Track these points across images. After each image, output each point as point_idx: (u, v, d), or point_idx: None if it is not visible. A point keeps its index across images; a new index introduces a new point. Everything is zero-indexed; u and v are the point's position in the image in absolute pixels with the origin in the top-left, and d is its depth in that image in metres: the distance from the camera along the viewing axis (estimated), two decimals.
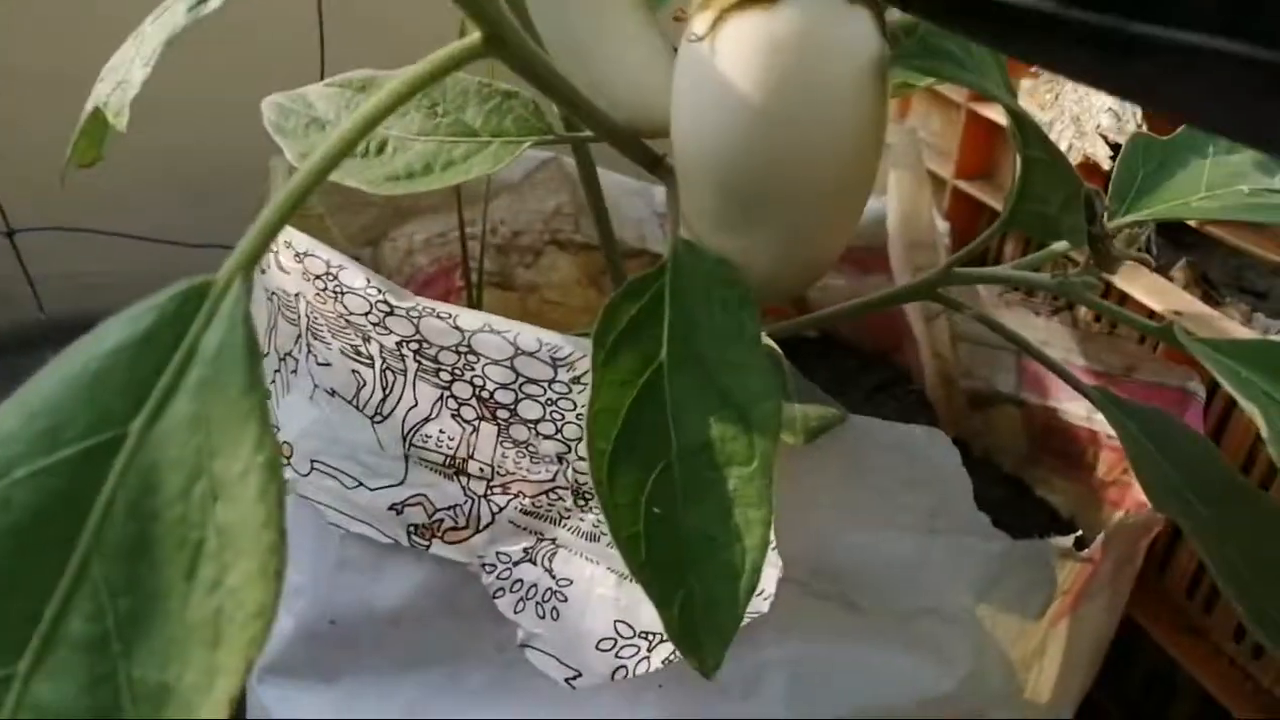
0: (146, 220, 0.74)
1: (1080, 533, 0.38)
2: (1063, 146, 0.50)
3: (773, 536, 0.31)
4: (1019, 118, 0.26)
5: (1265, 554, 0.33)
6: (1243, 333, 0.47)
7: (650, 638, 0.33)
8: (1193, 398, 0.48)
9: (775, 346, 0.35)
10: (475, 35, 0.22)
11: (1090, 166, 0.51)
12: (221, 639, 0.17)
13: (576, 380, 0.31)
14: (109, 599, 0.17)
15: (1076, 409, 0.57)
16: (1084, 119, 0.49)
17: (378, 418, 0.34)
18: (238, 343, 0.18)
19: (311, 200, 0.43)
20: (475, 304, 0.57)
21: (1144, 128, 0.47)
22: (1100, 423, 0.55)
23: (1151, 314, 0.51)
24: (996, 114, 0.58)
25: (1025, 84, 0.55)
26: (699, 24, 0.26)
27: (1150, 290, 0.50)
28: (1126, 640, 0.53)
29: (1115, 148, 0.49)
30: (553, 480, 0.32)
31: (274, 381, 0.38)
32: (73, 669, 0.17)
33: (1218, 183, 0.35)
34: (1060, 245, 0.35)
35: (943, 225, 0.61)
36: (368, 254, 0.51)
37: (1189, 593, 0.53)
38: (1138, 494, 0.51)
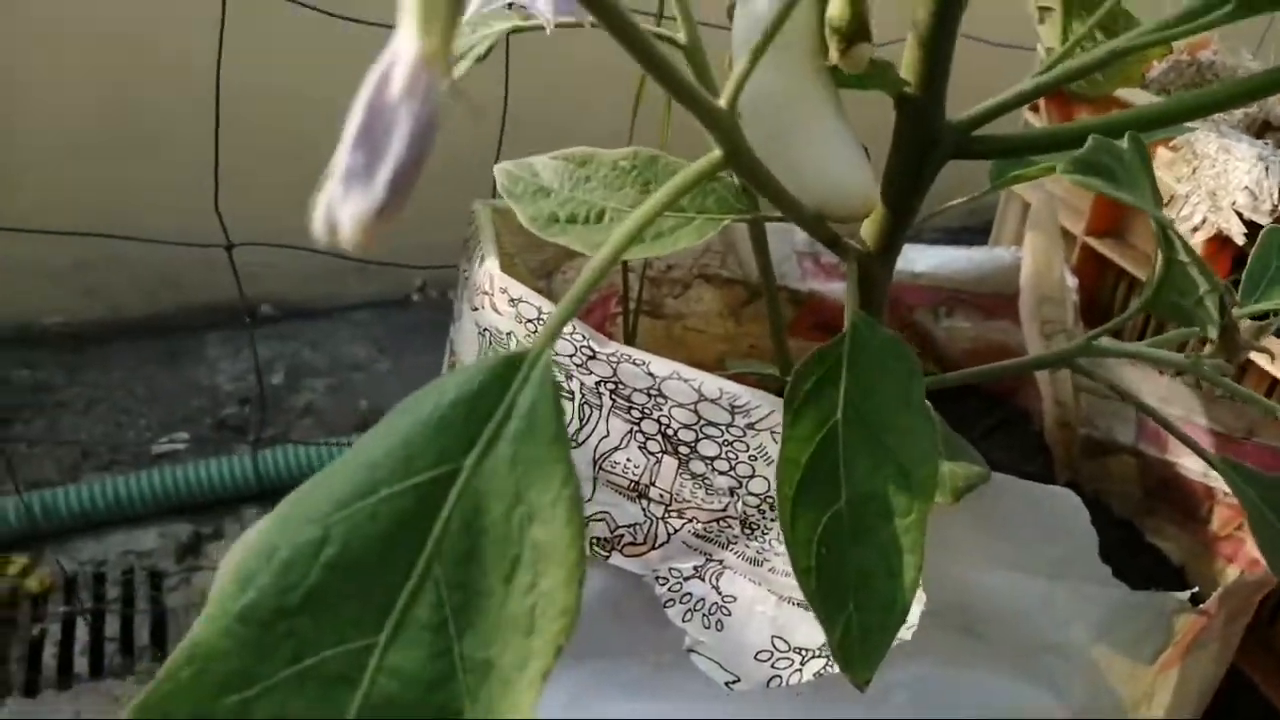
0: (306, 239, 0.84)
1: (1196, 589, 0.41)
2: (1196, 220, 0.53)
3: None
4: (1164, 227, 0.30)
5: None
6: None
7: (804, 653, 0.37)
8: None
9: (931, 408, 0.40)
10: (717, 153, 0.28)
11: (1223, 239, 0.53)
12: (535, 629, 0.22)
13: (751, 426, 0.36)
14: (447, 592, 0.23)
15: (1194, 464, 0.59)
16: (1220, 195, 0.52)
17: (573, 444, 0.40)
18: (547, 401, 0.24)
19: (504, 239, 0.50)
20: (630, 329, 0.63)
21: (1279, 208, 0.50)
22: (1216, 480, 0.57)
23: (1275, 381, 0.53)
24: None
25: (1164, 155, 0.58)
26: None
27: (1274, 358, 0.53)
28: (1234, 690, 0.55)
29: (1249, 225, 0.51)
30: (724, 510, 0.38)
31: None
32: (419, 644, 0.23)
33: None
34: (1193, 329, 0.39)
35: (1071, 281, 0.64)
36: (544, 284, 0.57)
37: None
38: (1251, 550, 0.53)
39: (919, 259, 0.69)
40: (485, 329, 0.42)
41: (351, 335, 1.32)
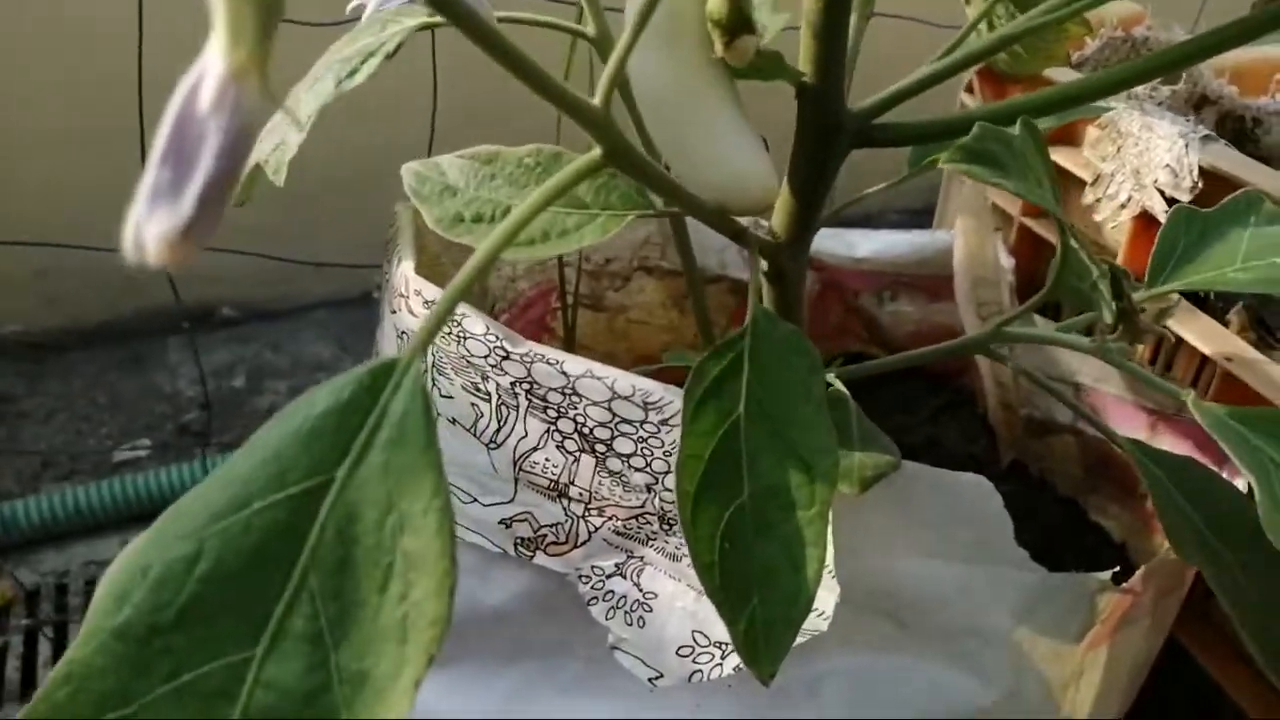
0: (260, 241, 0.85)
1: (1117, 568, 0.42)
2: (1122, 198, 0.53)
3: (832, 564, 0.36)
4: (1059, 219, 0.31)
5: None
6: None
7: (723, 647, 0.38)
8: None
9: (844, 389, 0.40)
10: (597, 151, 0.28)
11: (1150, 217, 0.54)
12: (408, 638, 0.22)
13: (665, 422, 0.36)
14: (322, 603, 0.23)
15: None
16: (1143, 173, 0.52)
17: (492, 445, 0.40)
18: (418, 409, 0.24)
19: (430, 237, 0.49)
20: (570, 324, 0.62)
21: (1200, 185, 0.50)
22: None
23: (1204, 358, 0.54)
24: (1063, 158, 0.62)
25: (1091, 134, 0.59)
26: None
27: (1203, 335, 0.53)
28: (1171, 664, 0.56)
29: (1171, 202, 0.52)
30: (642, 507, 0.38)
31: None
32: (296, 655, 0.23)
33: (1254, 254, 0.38)
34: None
35: (1008, 261, 0.64)
36: (477, 286, 0.57)
37: None
38: None
39: (861, 243, 0.69)
40: (403, 332, 0.42)
41: (313, 335, 1.31)
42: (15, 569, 0.94)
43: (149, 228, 0.15)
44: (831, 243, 0.69)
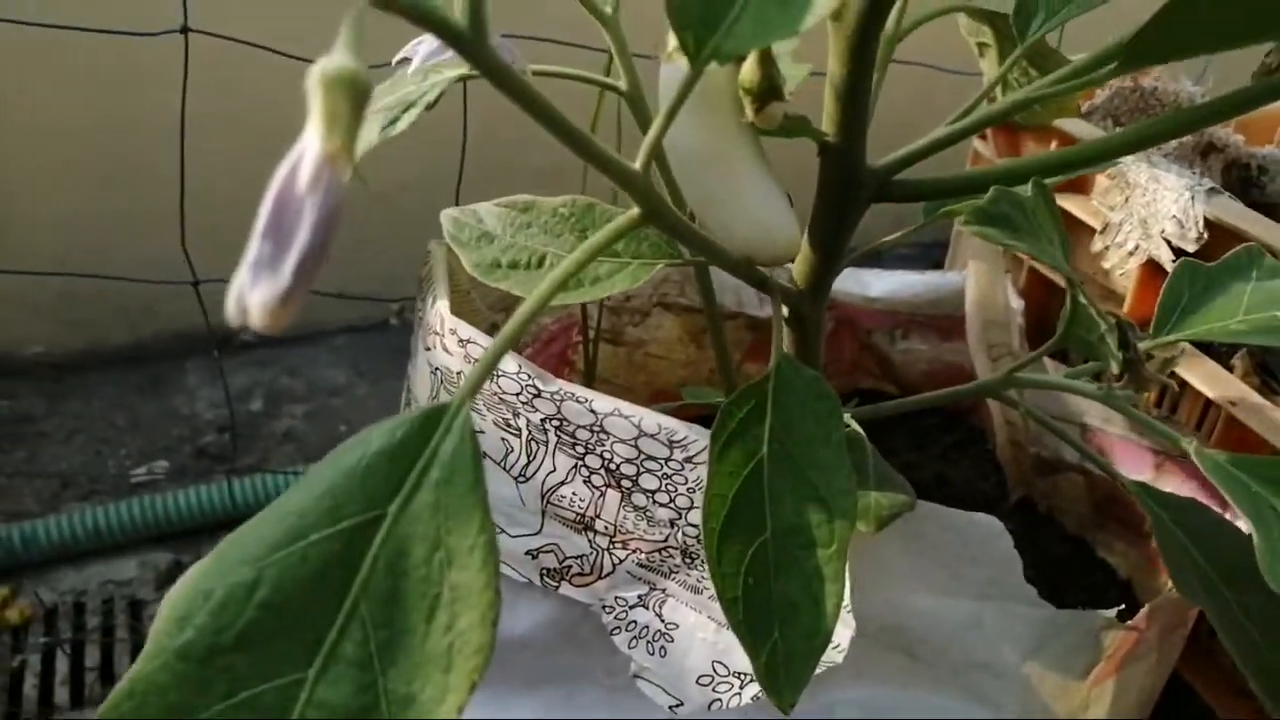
0: None
1: (1123, 605, 0.43)
2: (1129, 247, 0.55)
3: (848, 599, 0.37)
4: (1069, 278, 0.32)
5: None
6: None
7: (742, 677, 0.39)
8: None
9: (860, 430, 0.42)
10: (636, 211, 0.29)
11: (1157, 265, 0.55)
12: (453, 666, 0.24)
13: (689, 460, 0.38)
14: (372, 630, 0.24)
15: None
16: (1150, 223, 0.54)
17: (521, 479, 0.41)
18: (466, 451, 0.25)
19: (461, 274, 0.51)
20: (590, 358, 0.64)
21: (1205, 236, 0.52)
22: None
23: (1209, 401, 0.55)
24: (1073, 206, 0.63)
25: (1101, 183, 0.60)
26: None
27: (1208, 379, 0.55)
28: (1176, 700, 0.56)
29: (1178, 252, 0.53)
30: (665, 541, 0.39)
31: None
32: (346, 678, 0.24)
33: (1255, 307, 0.40)
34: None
35: (1017, 303, 0.66)
36: (502, 317, 0.59)
37: None
38: None
39: (875, 283, 0.71)
40: (437, 368, 0.44)
41: (330, 360, 1.33)
42: (34, 588, 0.95)
43: (253, 296, 0.17)
44: (846, 282, 0.70)
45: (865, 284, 0.71)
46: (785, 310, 0.39)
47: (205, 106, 0.76)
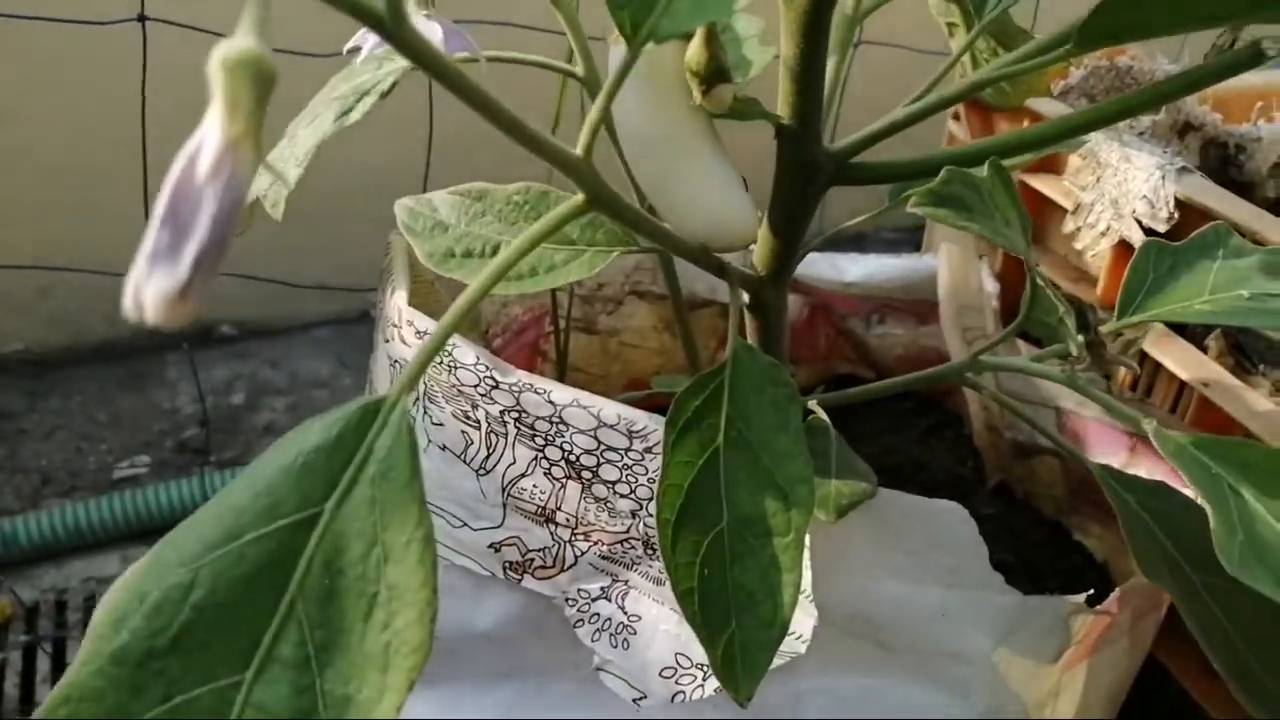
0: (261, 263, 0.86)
1: (1094, 590, 0.43)
2: (1100, 228, 0.54)
3: (810, 588, 0.37)
4: (1026, 261, 0.32)
5: (1254, 619, 0.37)
6: (1267, 404, 0.51)
7: (705, 669, 0.39)
8: None
9: (825, 417, 0.41)
10: (580, 196, 0.29)
11: (1128, 245, 0.55)
12: (390, 665, 0.23)
13: (649, 450, 0.37)
14: (309, 631, 0.24)
15: (1111, 465, 0.61)
16: (1121, 203, 0.53)
17: (481, 471, 0.41)
18: (403, 445, 0.25)
19: (423, 268, 0.51)
20: (562, 347, 0.64)
21: (1176, 216, 0.52)
22: None
23: (1183, 383, 0.55)
24: (1046, 186, 0.63)
25: (1073, 163, 0.60)
26: None
27: (1181, 360, 0.54)
28: (1152, 684, 0.56)
29: (1149, 232, 0.53)
30: (627, 532, 0.39)
31: None
32: (284, 680, 0.24)
33: (1221, 287, 0.39)
34: None
35: (992, 286, 0.66)
36: None
37: None
38: None
39: (850, 268, 0.71)
40: (395, 361, 0.43)
41: (312, 352, 1.32)
42: (15, 585, 0.94)
43: (148, 288, 0.16)
44: (821, 267, 0.70)
45: (841, 269, 0.70)
46: (746, 297, 0.38)
47: (169, 96, 0.75)
